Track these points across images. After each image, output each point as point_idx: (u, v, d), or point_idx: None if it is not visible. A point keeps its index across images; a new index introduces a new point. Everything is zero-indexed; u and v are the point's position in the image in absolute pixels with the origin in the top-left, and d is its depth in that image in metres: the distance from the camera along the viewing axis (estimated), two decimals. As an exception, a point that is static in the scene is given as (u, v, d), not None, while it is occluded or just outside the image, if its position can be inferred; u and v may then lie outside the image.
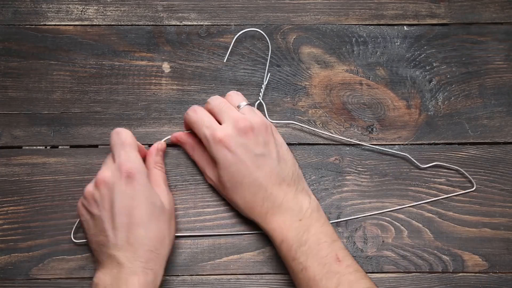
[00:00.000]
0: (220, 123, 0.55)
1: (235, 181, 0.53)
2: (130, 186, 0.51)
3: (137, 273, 0.48)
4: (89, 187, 0.52)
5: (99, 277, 0.49)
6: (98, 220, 0.51)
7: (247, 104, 0.56)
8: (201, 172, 0.59)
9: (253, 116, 0.54)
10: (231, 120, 0.54)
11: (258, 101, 0.61)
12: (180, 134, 0.59)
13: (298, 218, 0.52)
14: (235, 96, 0.57)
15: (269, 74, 0.62)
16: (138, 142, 0.56)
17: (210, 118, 0.55)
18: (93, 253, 0.53)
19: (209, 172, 0.56)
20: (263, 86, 0.61)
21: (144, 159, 0.56)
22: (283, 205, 0.52)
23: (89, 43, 0.64)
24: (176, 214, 0.57)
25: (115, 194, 0.50)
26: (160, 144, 0.58)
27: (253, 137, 0.53)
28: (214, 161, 0.55)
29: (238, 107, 0.56)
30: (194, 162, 0.58)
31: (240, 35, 0.62)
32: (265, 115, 0.59)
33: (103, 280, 0.49)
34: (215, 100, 0.56)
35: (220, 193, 0.57)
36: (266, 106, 0.61)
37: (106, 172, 0.52)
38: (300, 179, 0.55)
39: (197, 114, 0.56)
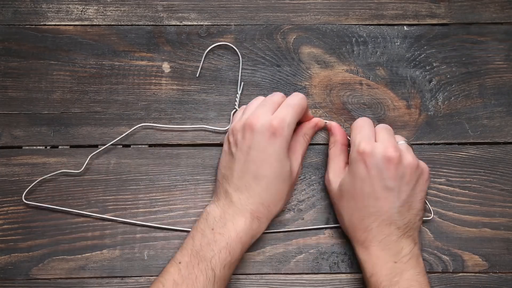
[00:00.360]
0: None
1: (351, 196, 0.53)
2: (271, 142, 0.52)
3: (244, 216, 0.52)
4: (238, 125, 0.54)
5: (212, 208, 0.53)
6: (232, 157, 0.54)
7: (405, 142, 0.55)
8: (201, 172, 0.59)
9: (408, 155, 0.53)
10: (385, 143, 0.52)
11: (234, 110, 0.61)
12: (334, 126, 0.59)
13: (394, 260, 0.51)
14: (399, 137, 0.56)
15: (242, 83, 0.62)
16: (309, 111, 0.59)
17: (371, 131, 0.55)
18: (216, 183, 0.56)
19: (334, 174, 0.56)
20: (237, 95, 0.61)
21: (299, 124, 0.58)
22: (383, 243, 0.51)
23: (89, 43, 0.64)
24: (176, 214, 0.57)
25: (255, 142, 0.53)
26: (320, 122, 0.60)
27: (394, 170, 0.51)
28: (344, 169, 0.56)
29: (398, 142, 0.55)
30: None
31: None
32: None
33: (215, 211, 0.53)
34: (384, 126, 0.56)
35: (332, 199, 0.56)
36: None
37: (258, 117, 0.53)
38: (415, 231, 0.53)
39: (362, 123, 0.56)
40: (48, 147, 0.60)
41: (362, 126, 0.55)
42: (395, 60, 0.64)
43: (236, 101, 0.61)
